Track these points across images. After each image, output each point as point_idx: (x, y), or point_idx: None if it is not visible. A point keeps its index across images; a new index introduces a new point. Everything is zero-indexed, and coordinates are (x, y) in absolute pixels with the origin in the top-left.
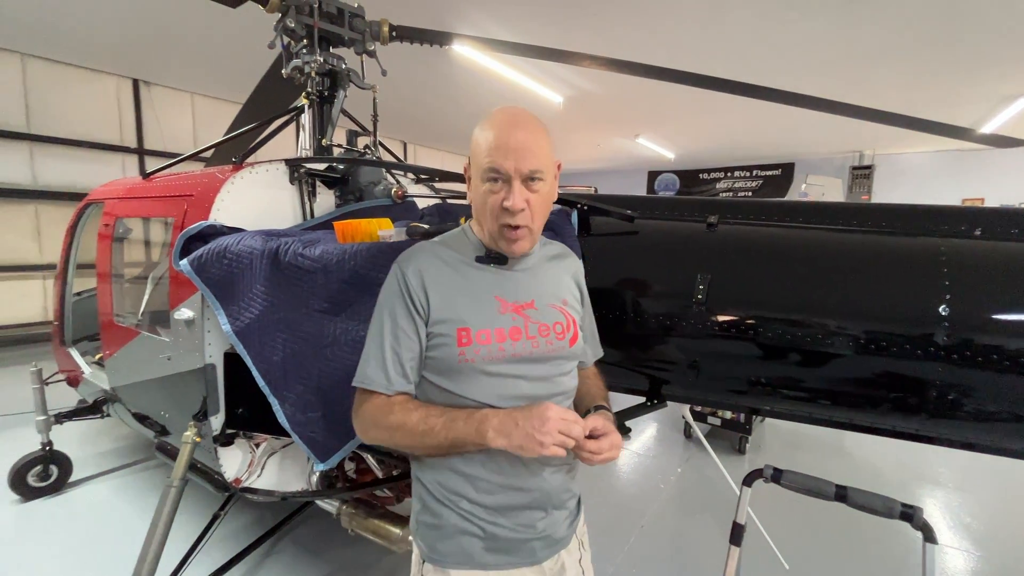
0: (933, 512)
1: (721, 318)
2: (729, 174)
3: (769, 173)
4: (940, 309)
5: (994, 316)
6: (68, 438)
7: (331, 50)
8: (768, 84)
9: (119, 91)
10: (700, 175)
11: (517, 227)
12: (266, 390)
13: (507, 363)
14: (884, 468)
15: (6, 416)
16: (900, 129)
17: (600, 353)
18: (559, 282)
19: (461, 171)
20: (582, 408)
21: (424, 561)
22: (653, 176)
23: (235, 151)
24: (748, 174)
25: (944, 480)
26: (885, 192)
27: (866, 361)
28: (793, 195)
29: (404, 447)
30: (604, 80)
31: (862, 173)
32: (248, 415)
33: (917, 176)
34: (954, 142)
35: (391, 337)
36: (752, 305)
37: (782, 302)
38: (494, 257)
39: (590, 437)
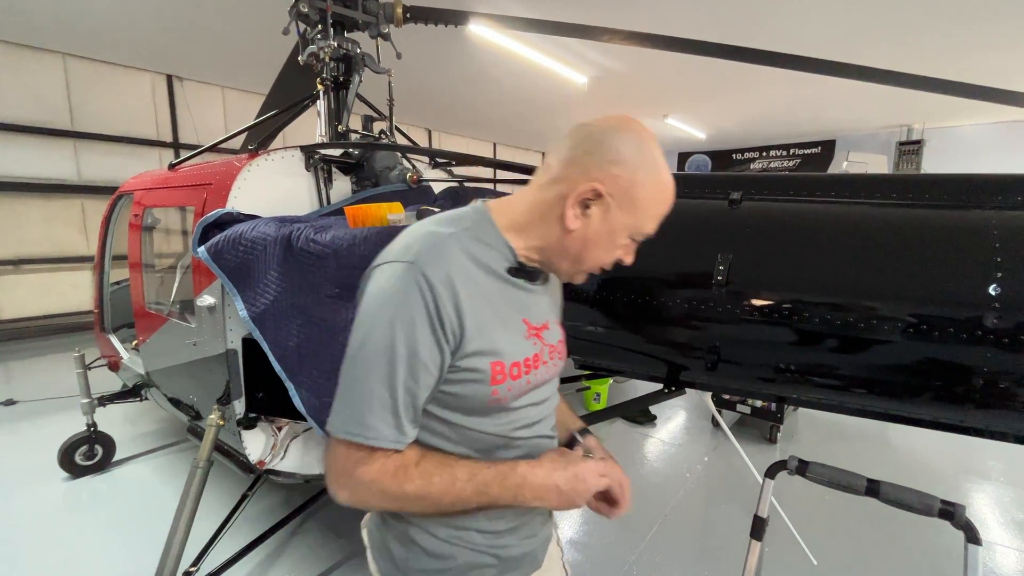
0: (982, 508)
1: (743, 301)
2: (764, 153)
3: (808, 151)
4: (990, 289)
5: None
6: (112, 420)
7: (345, 34)
8: (808, 54)
9: (154, 87)
10: (733, 155)
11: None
12: (282, 375)
13: (529, 393)
14: (929, 460)
15: (61, 399)
16: (953, 100)
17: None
18: (557, 295)
19: (481, 155)
20: (560, 430)
21: None
22: (684, 158)
23: (260, 140)
24: (785, 152)
25: (995, 474)
26: (935, 169)
27: (905, 346)
28: None
29: (406, 512)
30: (630, 58)
31: (910, 148)
32: (268, 399)
33: (971, 150)
34: (1012, 112)
35: (405, 372)
36: (777, 287)
37: (810, 283)
38: (529, 272)
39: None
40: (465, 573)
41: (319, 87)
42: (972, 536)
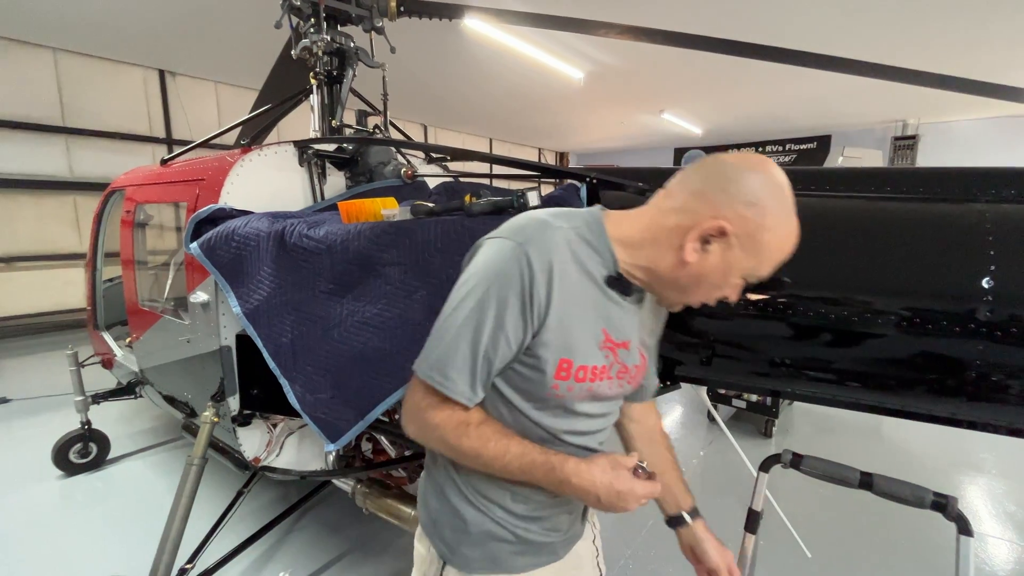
0: (974, 500)
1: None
2: (760, 149)
3: (803, 147)
4: (983, 282)
5: None
6: (107, 418)
7: (338, 28)
8: (803, 49)
9: (146, 82)
10: (729, 151)
11: None
12: (276, 371)
13: (587, 402)
14: (922, 454)
15: (56, 397)
16: (948, 95)
17: (656, 385)
18: (652, 320)
19: (477, 150)
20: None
21: (444, 563)
22: (680, 153)
23: (254, 136)
24: (781, 148)
25: (987, 466)
26: (931, 164)
27: (899, 339)
28: None
29: (458, 460)
30: (627, 53)
31: (905, 144)
32: (262, 396)
33: (968, 146)
34: (1008, 108)
35: (489, 338)
36: (771, 281)
37: (804, 276)
38: (625, 286)
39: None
40: (485, 543)
41: (312, 81)
42: (964, 528)
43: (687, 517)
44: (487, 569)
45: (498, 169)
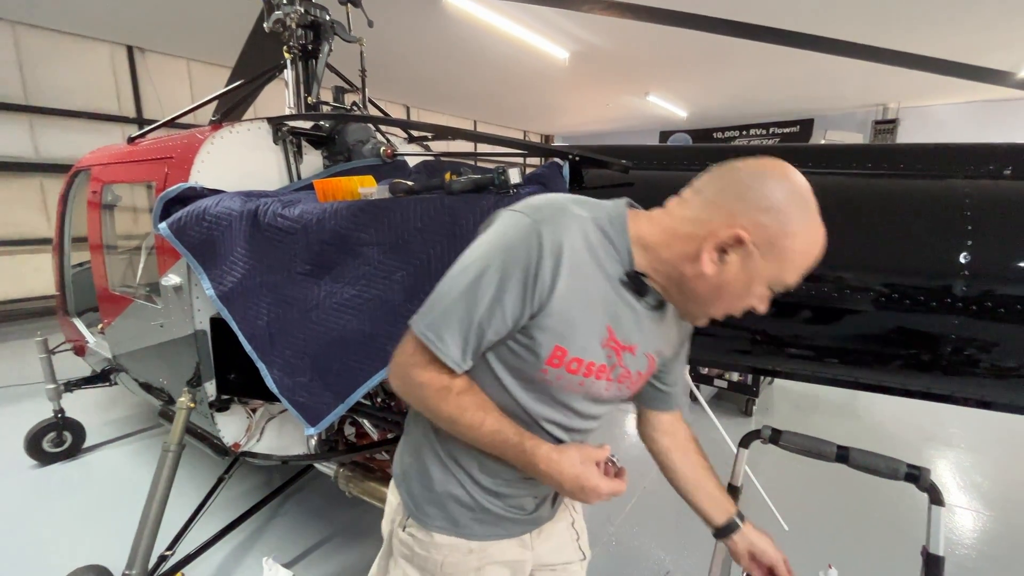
0: (943, 472)
1: None
2: (744, 132)
3: (787, 130)
4: (960, 257)
5: (1022, 264)
6: (83, 406)
7: (312, 0)
8: (787, 27)
9: (114, 59)
10: (714, 134)
11: None
12: (253, 355)
13: (577, 397)
14: (896, 430)
15: (26, 385)
16: (927, 79)
17: (687, 402)
18: (669, 333)
19: (459, 127)
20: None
21: (408, 516)
22: (665, 136)
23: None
24: (765, 132)
25: (956, 440)
26: None
27: (876, 315)
28: None
29: (435, 422)
30: (612, 33)
31: (886, 128)
32: (240, 381)
33: (946, 129)
34: (986, 92)
35: (486, 308)
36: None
37: None
38: (639, 287)
39: None
40: (446, 503)
41: (286, 56)
42: (936, 498)
43: (739, 522)
44: (446, 530)
45: (481, 148)
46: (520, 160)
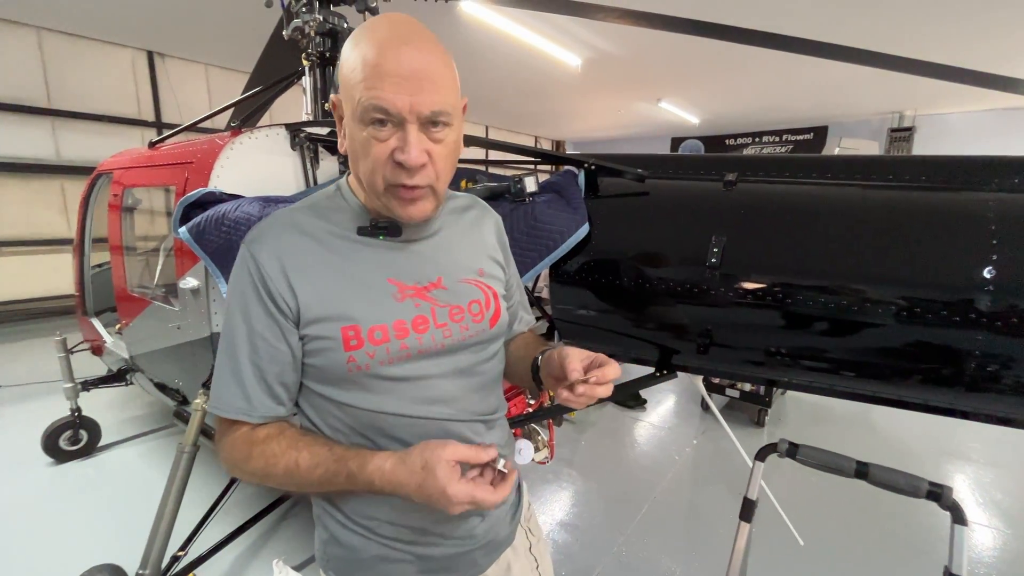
0: (962, 489)
1: (736, 283)
2: (757, 139)
3: (800, 137)
4: (985, 272)
5: None
6: (99, 405)
7: (331, 8)
8: (802, 35)
9: (135, 64)
10: (726, 140)
11: (415, 187)
12: None
13: (414, 362)
14: (912, 443)
15: (45, 383)
16: (944, 87)
17: (533, 320)
18: (473, 246)
19: (473, 135)
20: (520, 371)
21: None
22: (677, 143)
23: (244, 119)
24: (777, 139)
25: (975, 455)
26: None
27: (897, 329)
28: None
29: (263, 484)
30: (625, 40)
31: (901, 135)
32: None
33: (964, 138)
34: (1006, 99)
35: (247, 346)
36: (771, 269)
37: (804, 265)
38: (383, 227)
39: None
40: (376, 565)
41: (304, 63)
42: (959, 517)
43: (538, 357)
44: None
45: (494, 155)
46: (532, 167)
